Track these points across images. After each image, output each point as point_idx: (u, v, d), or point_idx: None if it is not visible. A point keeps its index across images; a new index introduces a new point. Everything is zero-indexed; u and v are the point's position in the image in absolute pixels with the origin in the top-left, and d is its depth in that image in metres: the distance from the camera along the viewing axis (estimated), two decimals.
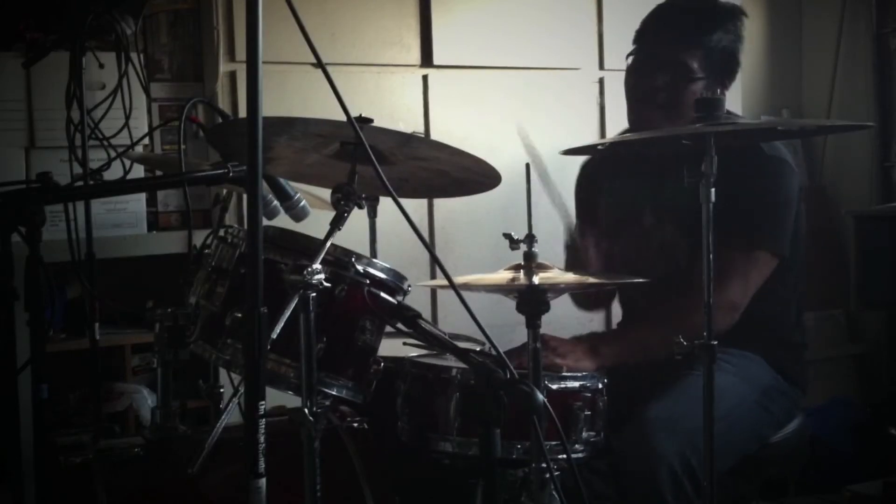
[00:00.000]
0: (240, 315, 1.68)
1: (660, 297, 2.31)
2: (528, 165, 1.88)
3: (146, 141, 3.05)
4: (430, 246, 2.97)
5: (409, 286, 1.83)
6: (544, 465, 1.78)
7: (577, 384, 1.94)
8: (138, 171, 2.68)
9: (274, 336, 1.51)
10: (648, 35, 2.39)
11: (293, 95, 3.04)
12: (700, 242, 1.86)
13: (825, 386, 3.94)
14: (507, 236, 1.82)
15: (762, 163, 2.29)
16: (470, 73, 3.48)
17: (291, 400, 1.72)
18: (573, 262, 2.52)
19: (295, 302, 1.56)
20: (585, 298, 2.71)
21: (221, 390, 2.16)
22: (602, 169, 2.59)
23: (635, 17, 2.45)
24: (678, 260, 2.38)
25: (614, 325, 2.89)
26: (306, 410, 1.58)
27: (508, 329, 1.98)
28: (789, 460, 2.44)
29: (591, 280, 2.06)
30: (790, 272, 2.38)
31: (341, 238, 1.67)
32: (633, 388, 2.15)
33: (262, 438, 1.29)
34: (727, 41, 2.34)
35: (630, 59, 2.41)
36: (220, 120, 2.21)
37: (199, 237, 2.10)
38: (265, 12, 1.28)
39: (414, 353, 2.08)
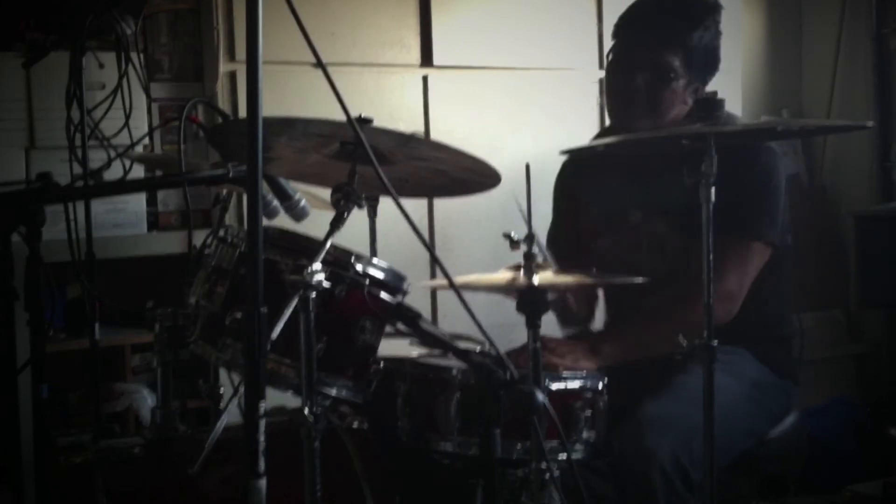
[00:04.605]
0: (240, 315, 1.68)
1: (651, 295, 2.31)
2: (527, 165, 1.88)
3: (146, 141, 3.05)
4: (430, 246, 2.97)
5: (409, 286, 1.83)
6: (544, 465, 1.78)
7: (577, 384, 1.94)
8: (138, 171, 2.68)
9: (274, 336, 1.51)
10: (627, 32, 2.38)
11: (293, 95, 3.04)
12: (692, 238, 1.86)
13: (825, 386, 3.94)
14: (507, 236, 1.82)
15: (750, 152, 2.29)
16: (470, 73, 3.48)
17: (291, 400, 1.72)
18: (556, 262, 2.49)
19: (295, 302, 1.56)
20: (570, 315, 2.64)
21: (221, 390, 2.16)
22: (584, 167, 2.57)
23: None
24: (668, 256, 2.38)
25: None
26: (306, 410, 1.58)
27: (508, 329, 1.98)
28: (788, 459, 2.44)
29: (591, 280, 2.05)
30: (777, 264, 2.38)
31: (341, 238, 1.67)
32: (629, 387, 2.15)
33: (262, 438, 1.29)
34: (707, 38, 2.33)
35: (610, 57, 2.41)
36: (220, 120, 2.21)
37: (199, 237, 2.10)
38: (265, 12, 1.28)
39: (415, 353, 2.08)
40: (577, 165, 2.61)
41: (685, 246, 2.31)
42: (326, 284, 1.59)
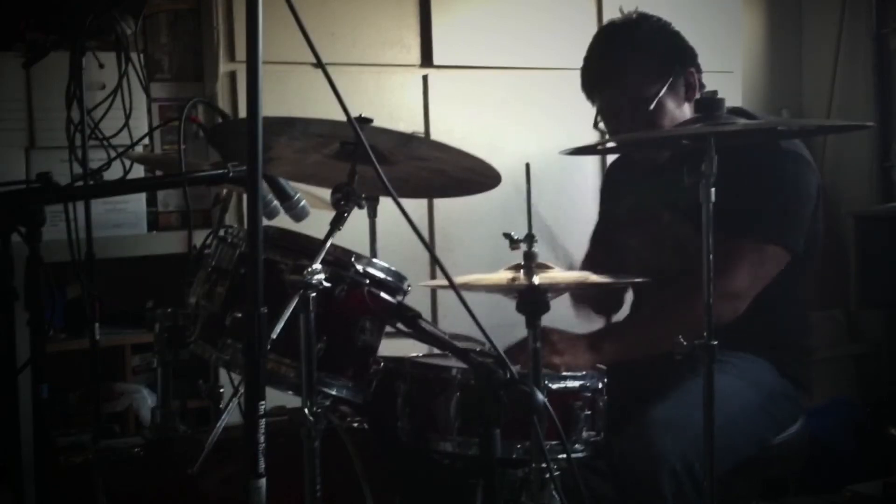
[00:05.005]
0: (240, 315, 1.68)
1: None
2: (527, 165, 1.88)
3: (146, 141, 3.05)
4: (430, 246, 2.97)
5: (409, 286, 1.83)
6: (544, 465, 1.78)
7: (577, 384, 1.94)
8: (138, 171, 2.69)
9: (274, 336, 1.51)
10: (599, 94, 2.42)
11: (293, 95, 3.04)
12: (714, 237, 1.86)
13: (825, 386, 3.93)
14: (507, 236, 1.82)
15: (779, 156, 2.28)
16: (470, 73, 3.48)
17: (291, 400, 1.72)
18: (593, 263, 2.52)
19: (295, 302, 1.56)
20: (598, 302, 2.70)
21: (221, 390, 2.17)
22: (623, 167, 2.63)
23: None
24: (692, 257, 2.37)
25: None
26: (306, 410, 1.58)
27: (508, 329, 1.98)
28: (788, 460, 2.44)
29: (592, 279, 2.05)
30: (804, 274, 2.36)
31: (341, 238, 1.67)
32: (635, 388, 2.15)
33: (262, 438, 1.29)
34: (656, 42, 2.35)
35: (597, 111, 2.43)
36: (220, 120, 2.21)
37: (199, 237, 2.10)
38: (265, 12, 1.28)
39: (414, 352, 2.08)
40: (614, 166, 2.69)
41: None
42: (326, 284, 1.59)
